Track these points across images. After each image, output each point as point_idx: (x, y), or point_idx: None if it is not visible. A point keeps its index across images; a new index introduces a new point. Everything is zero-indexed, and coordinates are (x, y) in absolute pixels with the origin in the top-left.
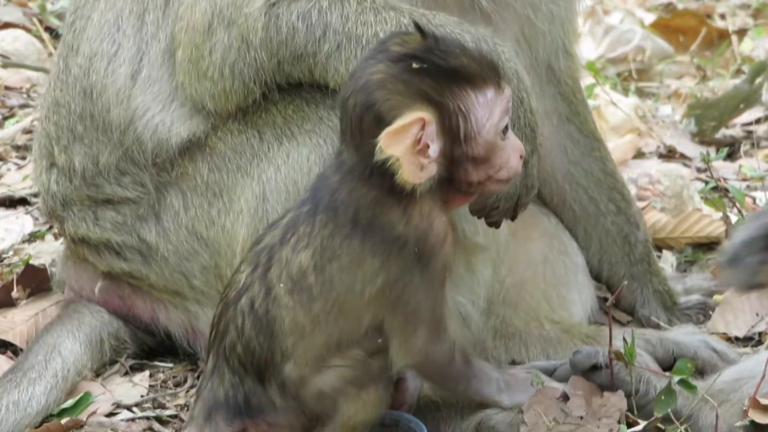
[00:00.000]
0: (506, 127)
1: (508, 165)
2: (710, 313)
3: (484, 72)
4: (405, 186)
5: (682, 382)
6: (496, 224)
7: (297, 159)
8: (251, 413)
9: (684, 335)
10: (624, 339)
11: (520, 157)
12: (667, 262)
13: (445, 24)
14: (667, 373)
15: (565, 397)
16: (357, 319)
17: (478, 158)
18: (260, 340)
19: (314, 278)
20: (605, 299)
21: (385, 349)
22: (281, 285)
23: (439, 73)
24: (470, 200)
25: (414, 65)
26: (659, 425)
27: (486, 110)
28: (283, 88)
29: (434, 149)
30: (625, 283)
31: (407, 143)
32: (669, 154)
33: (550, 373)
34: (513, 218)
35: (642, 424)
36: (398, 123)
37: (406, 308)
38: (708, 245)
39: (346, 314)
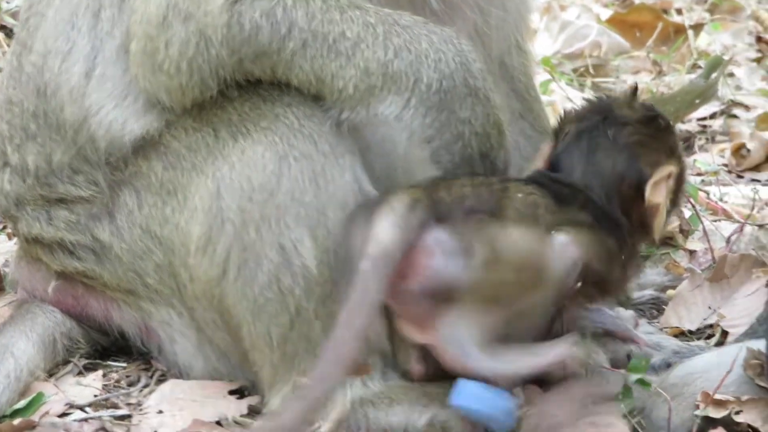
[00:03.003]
0: None
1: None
2: (663, 307)
3: None
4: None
5: (638, 380)
6: None
7: (252, 156)
8: (442, 222)
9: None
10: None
11: None
12: None
13: (412, 25)
14: (622, 371)
15: None
16: None
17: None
18: (487, 201)
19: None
20: None
21: None
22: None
23: (673, 135)
24: None
25: (663, 124)
26: None
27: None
28: (240, 85)
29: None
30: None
31: (664, 193)
32: None
33: None
34: None
35: None
36: (660, 174)
37: None
38: (662, 240)
39: None
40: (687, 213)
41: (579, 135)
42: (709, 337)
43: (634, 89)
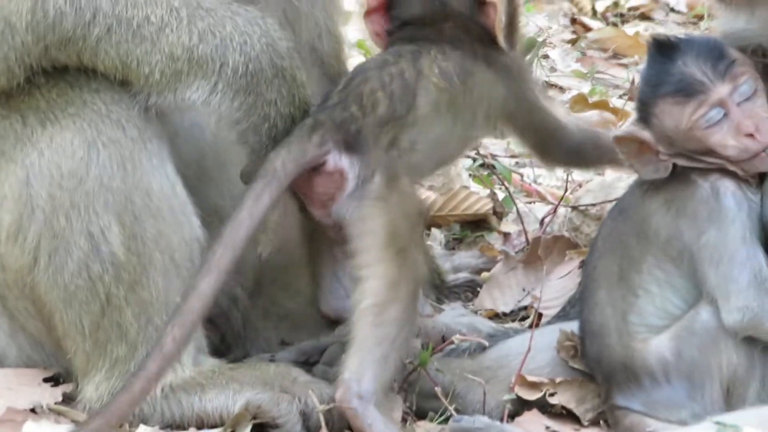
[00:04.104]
0: None
1: None
2: (478, 290)
3: None
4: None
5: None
6: None
7: (61, 143)
8: (350, 147)
9: (452, 316)
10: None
11: None
12: (436, 240)
13: (216, 7)
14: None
15: None
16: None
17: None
18: (400, 100)
19: (458, 79)
20: None
21: None
22: (433, 71)
23: None
24: None
25: None
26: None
27: None
28: (48, 72)
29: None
30: None
31: None
32: None
33: (321, 352)
34: None
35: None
36: None
37: None
38: (476, 223)
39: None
40: (500, 195)
41: None
42: (524, 319)
43: None
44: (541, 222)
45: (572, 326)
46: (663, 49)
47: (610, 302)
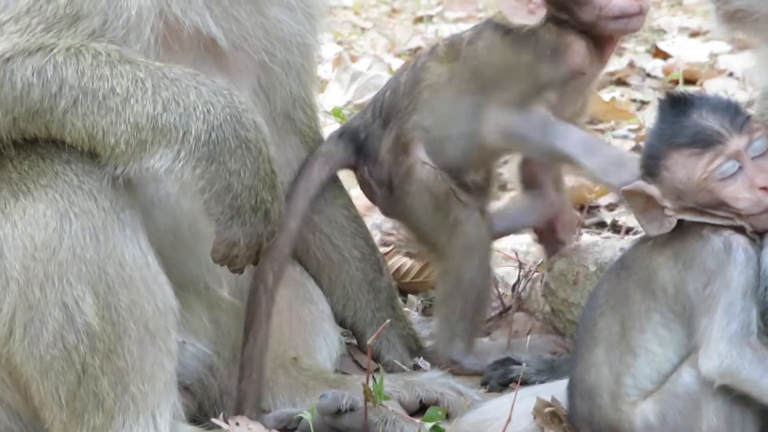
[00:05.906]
0: None
1: (610, 3)
2: None
3: None
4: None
5: (434, 428)
6: (239, 271)
7: (33, 214)
8: (360, 152)
9: (429, 379)
10: (373, 377)
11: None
12: (413, 306)
13: (181, 77)
14: (417, 420)
15: None
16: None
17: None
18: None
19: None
20: (350, 344)
21: None
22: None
23: None
24: (611, 49)
25: None
26: None
27: None
28: (18, 144)
29: None
30: (388, 321)
31: None
32: None
33: (298, 419)
34: (255, 263)
35: None
36: None
37: None
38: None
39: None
40: None
41: None
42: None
43: None
44: (513, 287)
45: (551, 390)
46: (677, 104)
47: (606, 362)
